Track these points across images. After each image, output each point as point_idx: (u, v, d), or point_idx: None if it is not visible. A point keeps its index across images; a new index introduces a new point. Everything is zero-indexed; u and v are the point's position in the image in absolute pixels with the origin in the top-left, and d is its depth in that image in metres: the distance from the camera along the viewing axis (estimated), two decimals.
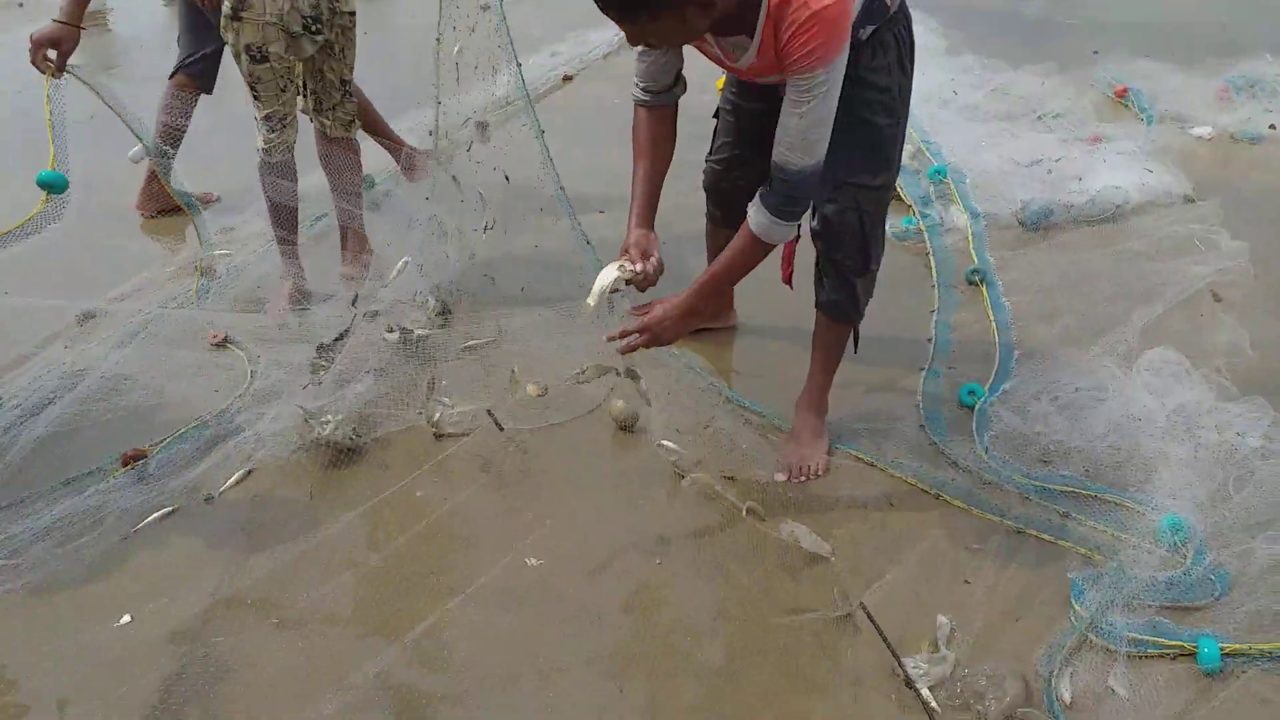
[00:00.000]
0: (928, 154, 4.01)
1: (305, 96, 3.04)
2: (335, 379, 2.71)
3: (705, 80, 2.69)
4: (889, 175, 2.28)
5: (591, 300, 2.14)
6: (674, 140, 2.30)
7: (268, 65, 2.81)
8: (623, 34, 1.92)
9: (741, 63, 2.03)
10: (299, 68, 2.95)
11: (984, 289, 3.21)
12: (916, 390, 2.74)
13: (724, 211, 2.70)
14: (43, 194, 2.72)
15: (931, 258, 3.41)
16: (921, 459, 2.47)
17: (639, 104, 2.25)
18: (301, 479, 2.45)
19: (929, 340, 2.97)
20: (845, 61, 1.92)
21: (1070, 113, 4.44)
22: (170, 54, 3.58)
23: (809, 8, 1.83)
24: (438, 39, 2.93)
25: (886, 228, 2.38)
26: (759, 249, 2.10)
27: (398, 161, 3.84)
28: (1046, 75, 4.83)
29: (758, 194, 2.05)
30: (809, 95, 1.91)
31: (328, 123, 3.09)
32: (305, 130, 3.09)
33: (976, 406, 2.62)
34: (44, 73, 2.79)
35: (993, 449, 2.48)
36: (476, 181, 3.12)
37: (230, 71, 3.11)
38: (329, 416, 2.54)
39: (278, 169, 3.00)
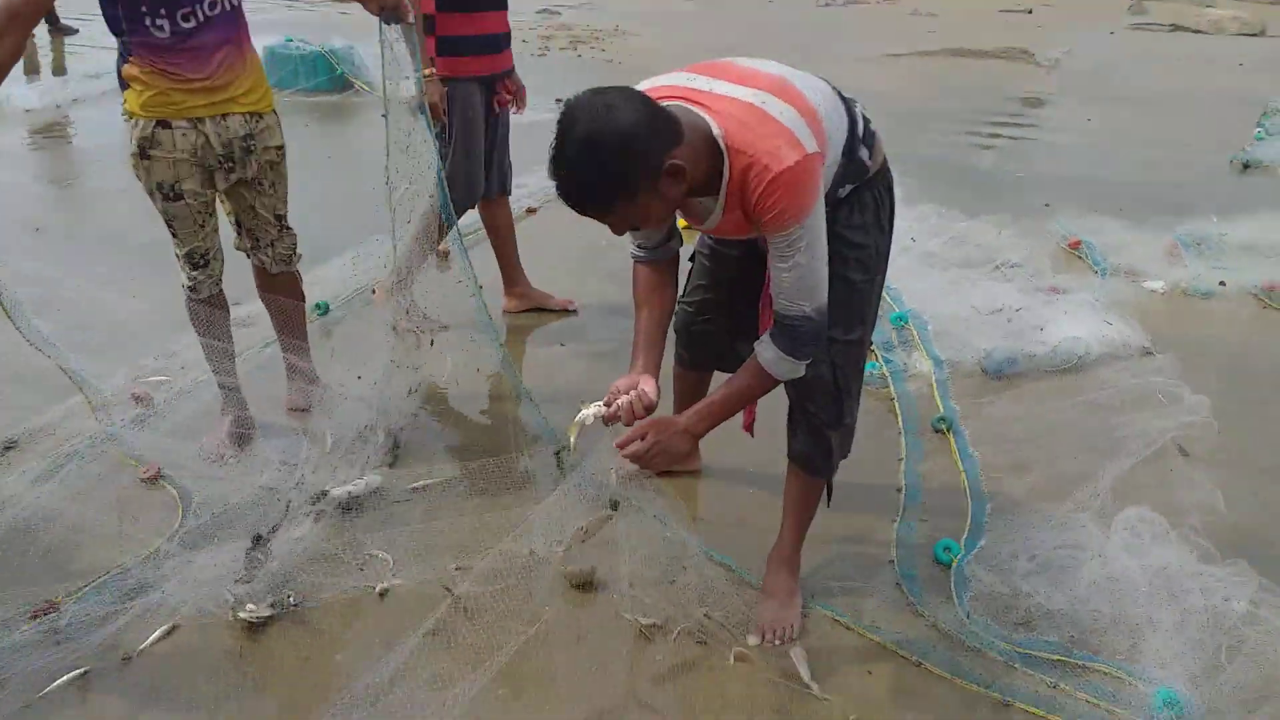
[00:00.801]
0: (890, 300, 4.01)
1: (240, 235, 2.94)
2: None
3: None
4: (863, 330, 2.23)
5: (572, 437, 2.13)
6: (675, 288, 2.29)
7: (183, 203, 2.69)
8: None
9: (708, 224, 2.01)
10: (225, 205, 2.87)
11: (951, 438, 3.15)
12: (890, 543, 2.63)
13: (693, 354, 2.63)
14: None
15: (897, 404, 3.35)
16: (900, 620, 2.34)
17: (636, 260, 2.23)
18: (230, 638, 2.24)
19: (899, 491, 2.88)
20: (821, 208, 1.91)
21: (1027, 263, 4.50)
22: None
23: (770, 171, 1.82)
24: (386, 181, 2.88)
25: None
26: (765, 383, 2.09)
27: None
28: (1001, 226, 4.94)
29: (766, 334, 2.03)
30: (791, 249, 1.90)
31: (266, 259, 2.97)
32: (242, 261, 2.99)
33: (953, 565, 2.51)
34: None
35: (973, 611, 2.36)
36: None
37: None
38: (251, 605, 2.30)
39: (206, 306, 2.86)
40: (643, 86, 1.96)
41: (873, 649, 2.27)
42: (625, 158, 1.74)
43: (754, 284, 2.23)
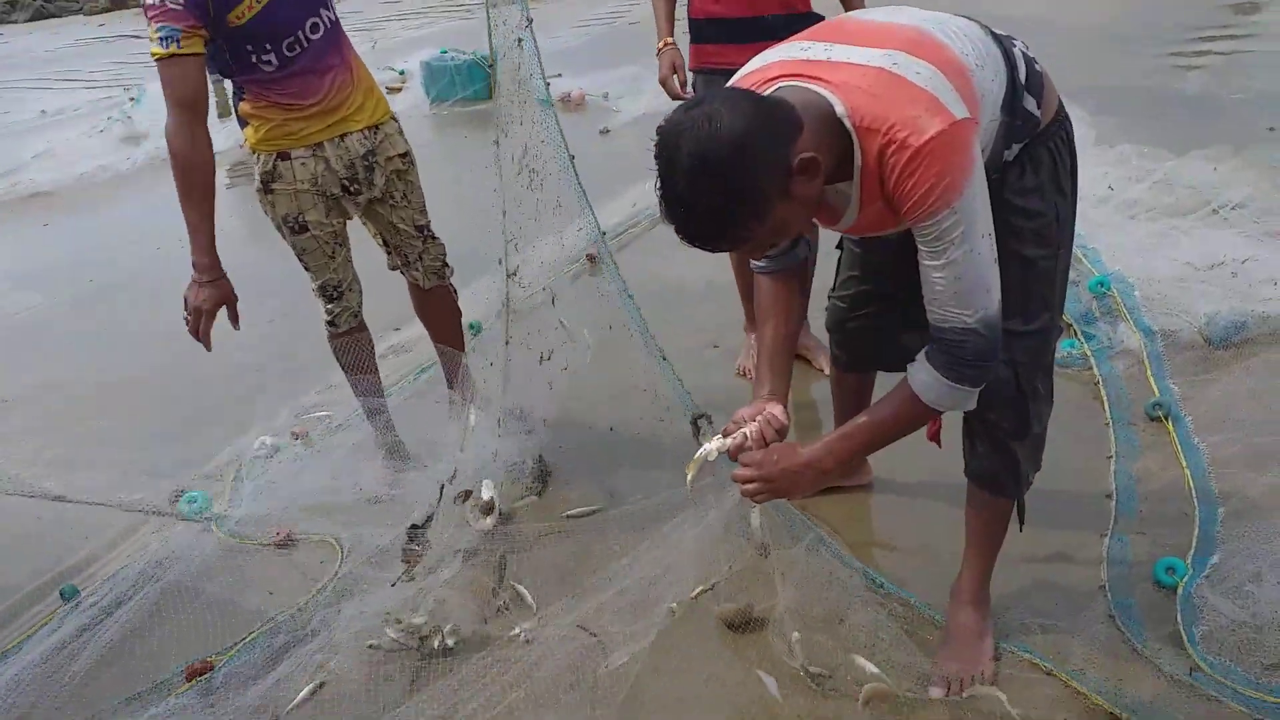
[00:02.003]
0: (1086, 262, 3.53)
1: (390, 255, 2.87)
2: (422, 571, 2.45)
3: None
4: (1049, 317, 1.86)
5: (689, 475, 1.88)
6: (804, 299, 2.02)
7: (309, 235, 2.63)
8: None
9: (844, 221, 1.71)
10: (369, 228, 2.79)
11: (1170, 427, 2.71)
12: (1100, 565, 2.26)
13: (850, 355, 2.34)
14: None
15: (1102, 388, 2.92)
16: (1115, 664, 1.99)
17: (758, 271, 1.95)
18: (377, 692, 2.17)
19: (1109, 497, 2.48)
20: (981, 187, 1.57)
21: (1252, 201, 3.87)
22: None
23: (909, 146, 1.52)
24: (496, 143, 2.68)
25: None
26: (920, 413, 1.73)
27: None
28: (1218, 160, 4.28)
29: (924, 351, 1.70)
30: (942, 242, 1.57)
31: (418, 275, 2.89)
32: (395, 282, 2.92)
33: (1180, 589, 2.12)
34: (208, 346, 2.56)
35: (1207, 650, 1.97)
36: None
37: None
38: (421, 618, 2.26)
39: (348, 339, 2.81)
40: (746, 70, 1.70)
41: (1082, 704, 1.93)
42: (747, 169, 1.47)
43: (915, 266, 1.91)
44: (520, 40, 2.55)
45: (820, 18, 2.75)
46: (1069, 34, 6.97)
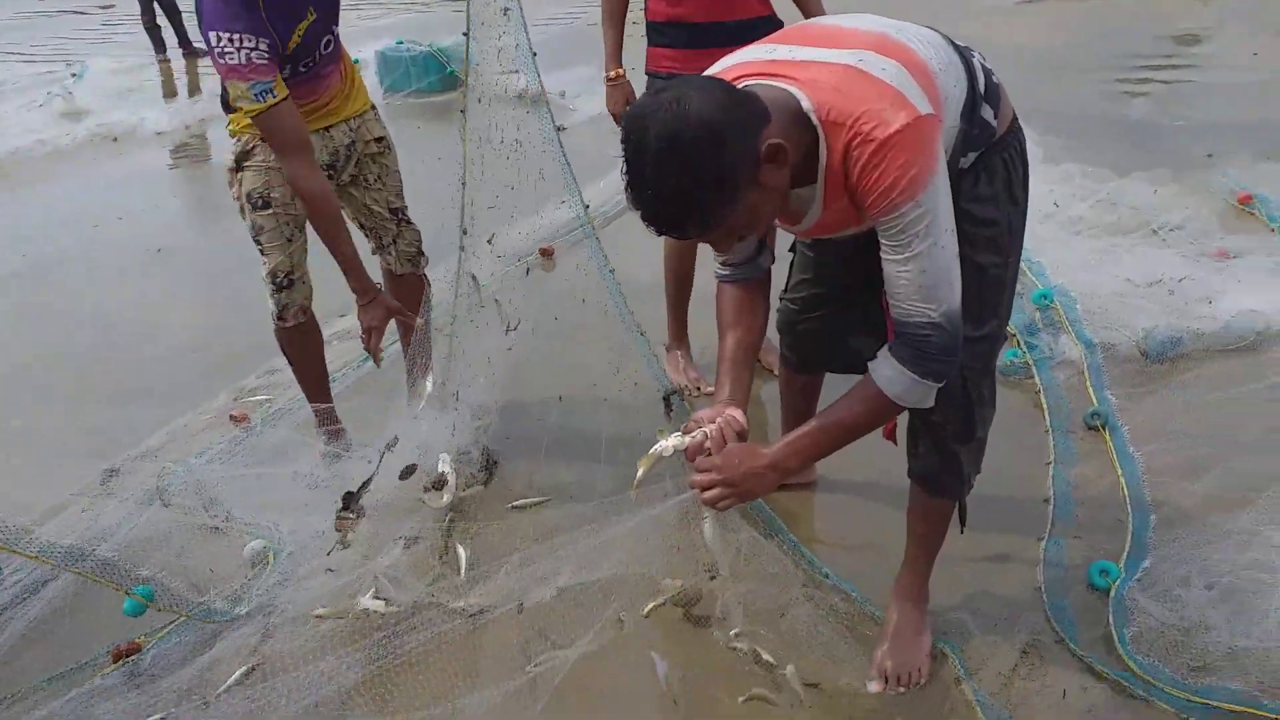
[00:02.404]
0: (1031, 275, 3.60)
1: (368, 237, 2.86)
2: (360, 550, 2.41)
3: None
4: (996, 324, 1.89)
5: (640, 471, 1.83)
6: (766, 311, 1.99)
7: (270, 212, 2.58)
8: None
9: (806, 223, 1.71)
10: (347, 211, 2.76)
11: (1107, 436, 2.77)
12: (1036, 567, 2.30)
13: (800, 357, 2.36)
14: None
15: (1043, 397, 2.98)
16: (1048, 663, 2.02)
17: (721, 280, 1.94)
18: (307, 680, 2.12)
19: (1047, 502, 2.53)
20: (944, 183, 1.58)
21: (1190, 223, 3.99)
22: None
23: (873, 139, 1.52)
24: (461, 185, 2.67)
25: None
26: (884, 408, 1.72)
27: None
28: (1159, 183, 4.40)
29: (886, 346, 1.70)
30: (906, 235, 1.57)
31: (391, 259, 2.89)
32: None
33: (1112, 592, 2.16)
34: (378, 362, 2.74)
35: (1135, 650, 2.02)
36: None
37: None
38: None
39: (295, 334, 2.74)
40: (712, 71, 1.70)
41: (1018, 698, 1.96)
42: (716, 151, 1.46)
43: (867, 270, 1.91)
44: (506, 10, 2.54)
45: (781, 23, 2.76)
46: (1017, 57, 7.10)
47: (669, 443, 1.80)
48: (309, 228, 2.73)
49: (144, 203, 5.77)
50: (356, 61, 3.19)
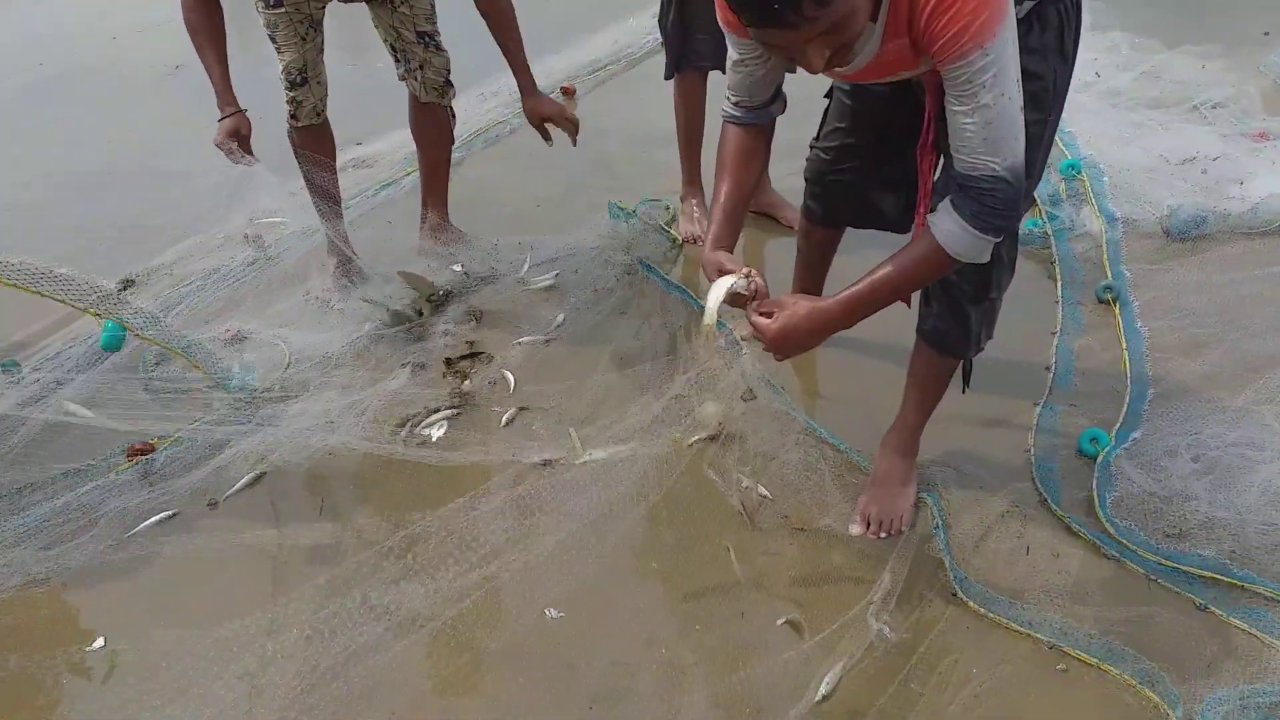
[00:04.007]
0: (1061, 145, 3.51)
1: (395, 60, 2.82)
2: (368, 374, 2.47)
3: None
4: (1029, 184, 1.80)
5: (709, 320, 1.77)
6: (766, 160, 1.95)
7: (283, 10, 2.55)
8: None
9: (858, 62, 1.61)
10: (379, 31, 2.72)
11: (1117, 309, 2.76)
12: (1029, 432, 2.34)
13: (825, 209, 2.32)
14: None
15: (1057, 268, 2.95)
16: (1025, 522, 2.08)
17: (729, 120, 1.87)
18: (316, 488, 2.21)
19: (1047, 369, 2.55)
20: (1013, 32, 1.50)
21: (1233, 103, 3.85)
22: None
23: None
24: None
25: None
26: (942, 263, 1.67)
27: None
28: (1207, 58, 4.23)
29: (947, 199, 1.64)
30: (973, 85, 1.50)
31: (416, 86, 2.85)
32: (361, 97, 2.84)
33: (1099, 458, 2.20)
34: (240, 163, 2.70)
35: (1114, 514, 2.07)
36: None
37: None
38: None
39: (307, 136, 2.74)
40: None
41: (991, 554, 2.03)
42: None
43: (905, 124, 1.87)
44: None
45: None
46: None
47: (732, 281, 1.74)
48: (324, 30, 2.70)
49: (163, 16, 5.62)
50: None
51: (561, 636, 1.86)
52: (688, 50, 3.03)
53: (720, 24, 1.72)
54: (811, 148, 2.24)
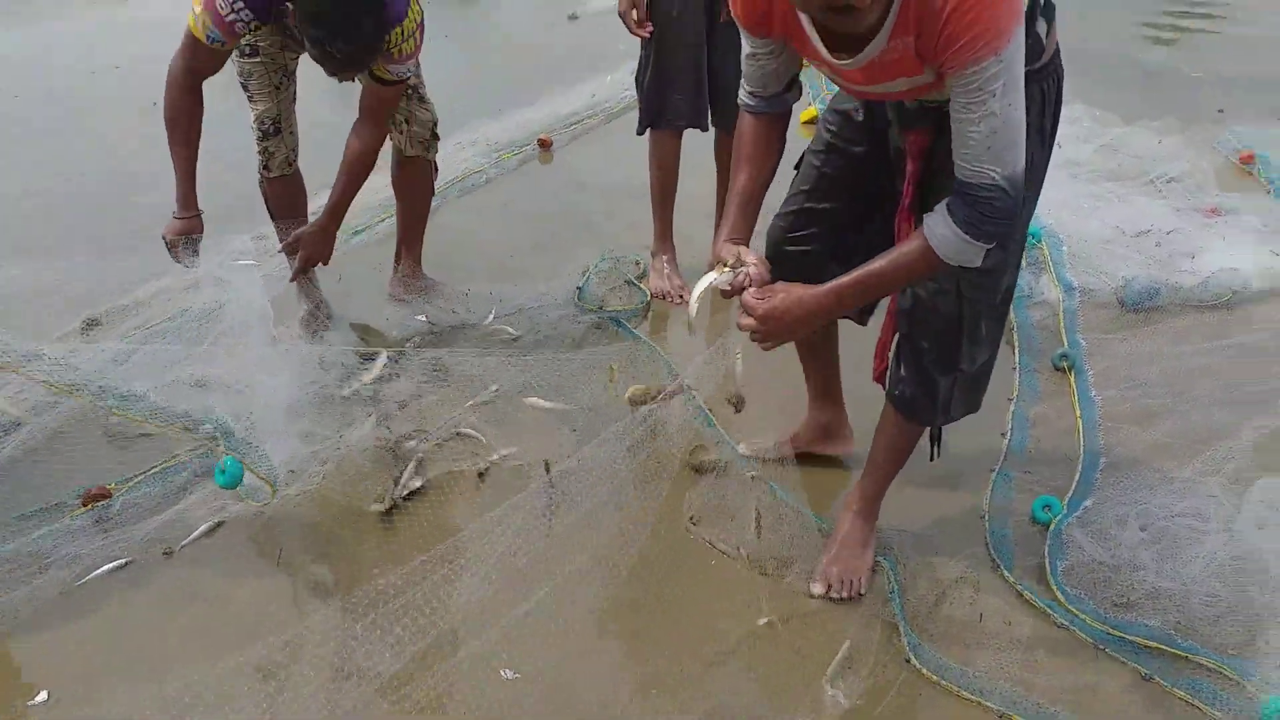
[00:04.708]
0: None
1: None
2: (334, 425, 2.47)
3: None
4: (1002, 258, 1.85)
5: (692, 313, 1.85)
6: (781, 151, 1.97)
7: (259, 60, 2.60)
8: None
9: (860, 58, 1.63)
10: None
11: (1072, 378, 2.82)
12: (984, 496, 2.38)
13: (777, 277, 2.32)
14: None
15: (1015, 335, 3.02)
16: (979, 590, 2.11)
17: (745, 109, 1.92)
18: (274, 537, 2.20)
19: (1004, 435, 2.60)
20: (1022, 46, 1.55)
21: (1187, 178, 3.99)
22: None
23: None
24: None
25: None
26: (931, 265, 1.71)
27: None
28: (1164, 133, 4.39)
29: (944, 203, 1.67)
30: (984, 93, 1.54)
31: (401, 139, 2.88)
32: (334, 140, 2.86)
33: (1051, 526, 2.24)
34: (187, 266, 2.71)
35: (1065, 582, 2.11)
36: None
37: None
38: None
39: (278, 186, 2.77)
40: None
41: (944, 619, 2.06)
42: None
43: (876, 190, 1.93)
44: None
45: None
46: None
47: (715, 277, 1.79)
48: (296, 79, 2.73)
49: (143, 54, 5.65)
50: None
51: (518, 697, 1.85)
52: (664, 109, 3.10)
53: (734, 17, 1.77)
54: (774, 219, 2.18)
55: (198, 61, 2.49)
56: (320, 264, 2.79)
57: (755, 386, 2.17)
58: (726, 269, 1.80)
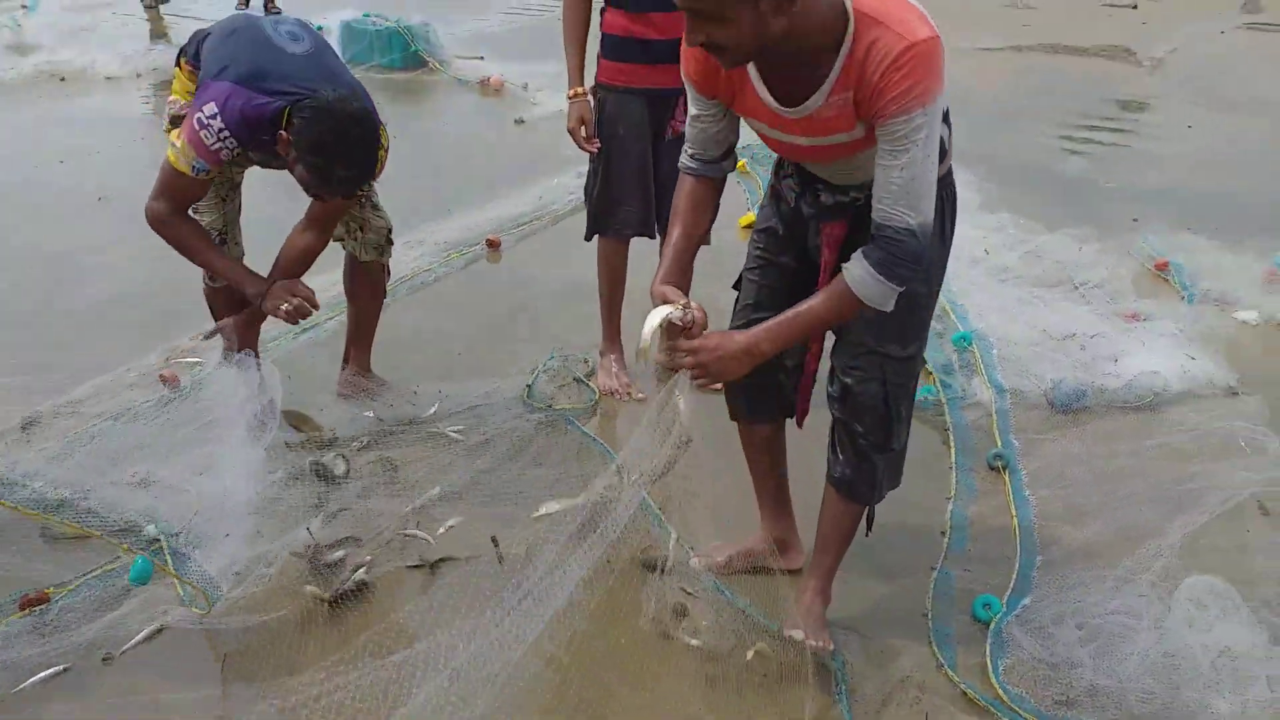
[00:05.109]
0: (954, 317, 3.77)
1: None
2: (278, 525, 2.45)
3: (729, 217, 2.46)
4: (919, 345, 2.08)
5: (645, 342, 1.91)
6: (714, 212, 2.13)
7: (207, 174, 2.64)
8: None
9: (805, 107, 1.80)
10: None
11: (1007, 477, 2.93)
12: (926, 594, 2.44)
13: (753, 404, 2.31)
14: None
15: (951, 435, 3.13)
16: (928, 685, 2.15)
17: (686, 171, 2.07)
18: (217, 642, 2.16)
19: (943, 534, 2.67)
20: (944, 103, 1.76)
21: (1107, 284, 4.19)
22: None
23: (904, 39, 1.67)
24: None
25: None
26: (850, 306, 1.87)
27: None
28: (1083, 241, 4.61)
29: (860, 250, 1.84)
30: (907, 141, 1.72)
31: (354, 245, 2.93)
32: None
33: (992, 625, 2.30)
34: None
35: (1007, 680, 2.16)
36: None
37: None
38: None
39: (223, 295, 2.81)
40: None
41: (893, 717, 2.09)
42: None
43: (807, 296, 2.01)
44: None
45: None
46: (965, 99, 7.34)
47: (668, 311, 1.89)
48: (241, 191, 2.78)
49: (88, 147, 5.68)
50: (320, 28, 3.23)
51: None
52: (612, 218, 3.20)
53: (683, 77, 1.94)
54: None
55: (185, 194, 2.57)
56: (311, 308, 2.74)
57: (708, 487, 2.22)
58: (679, 306, 1.90)
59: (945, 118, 1.90)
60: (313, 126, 2.38)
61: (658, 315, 1.90)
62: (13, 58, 7.45)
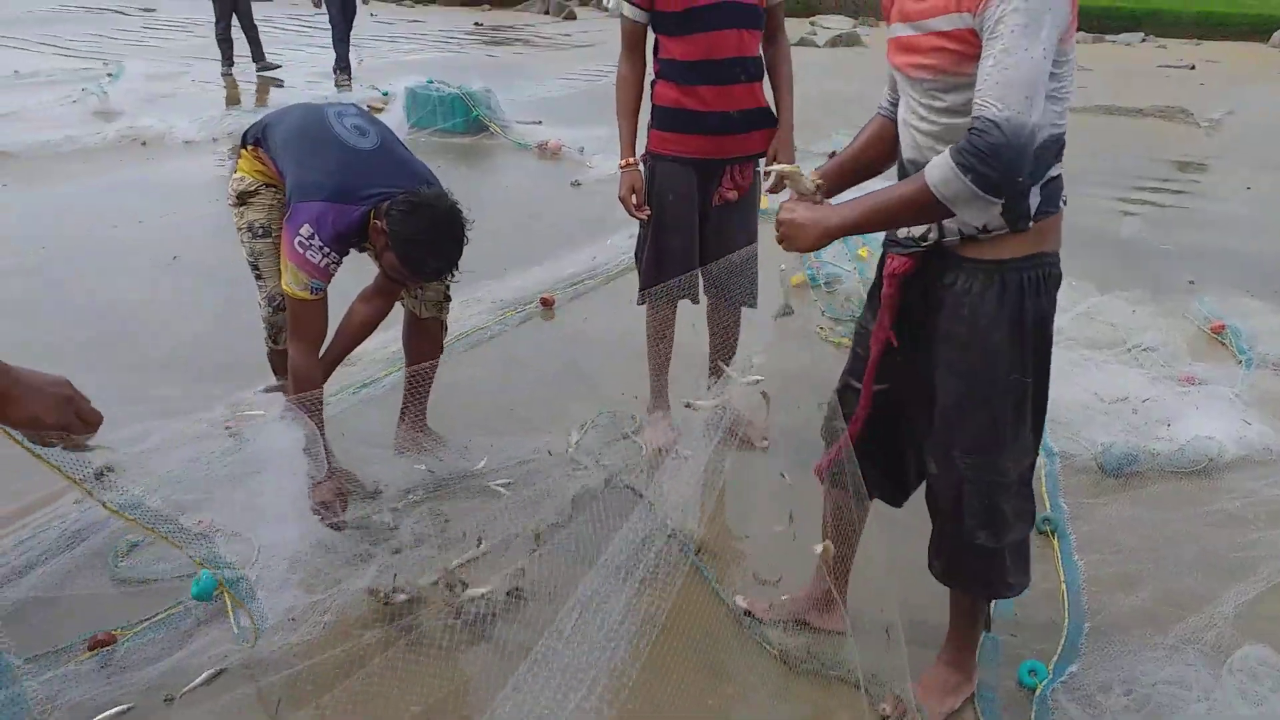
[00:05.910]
0: None
1: None
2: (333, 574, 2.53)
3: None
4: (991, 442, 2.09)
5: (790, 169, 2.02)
6: (890, 156, 2.14)
7: (271, 240, 2.79)
8: None
9: None
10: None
11: (1055, 541, 2.91)
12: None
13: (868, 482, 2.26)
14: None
15: None
16: None
17: (879, 112, 2.16)
18: (273, 687, 2.23)
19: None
20: (1055, 4, 1.66)
21: (1162, 347, 4.16)
22: None
23: None
24: None
25: None
26: (926, 201, 1.74)
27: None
28: (1137, 303, 4.60)
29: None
30: (1002, 26, 1.64)
31: (414, 303, 3.05)
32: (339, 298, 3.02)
33: (1037, 691, 2.29)
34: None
35: None
36: None
37: None
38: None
39: (283, 359, 2.92)
40: None
41: None
42: None
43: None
44: None
45: (775, 119, 3.12)
46: None
47: (807, 180, 2.00)
48: None
49: (165, 209, 5.95)
50: (385, 94, 3.38)
51: None
52: (659, 282, 3.28)
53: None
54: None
55: (315, 321, 2.72)
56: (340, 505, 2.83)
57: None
58: (819, 180, 2.02)
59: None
60: (409, 222, 2.56)
61: (804, 172, 2.03)
62: (98, 123, 7.85)
